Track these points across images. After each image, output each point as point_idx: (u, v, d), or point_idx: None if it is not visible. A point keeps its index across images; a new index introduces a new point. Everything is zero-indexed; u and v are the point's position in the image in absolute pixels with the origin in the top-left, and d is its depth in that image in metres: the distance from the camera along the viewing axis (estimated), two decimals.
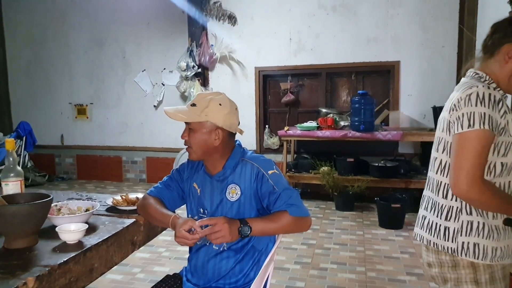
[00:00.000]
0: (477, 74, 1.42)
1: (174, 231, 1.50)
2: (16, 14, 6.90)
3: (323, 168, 5.14)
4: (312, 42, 5.70)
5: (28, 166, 6.59)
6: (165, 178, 1.76)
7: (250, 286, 1.51)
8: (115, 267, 1.66)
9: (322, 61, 5.70)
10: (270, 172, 1.54)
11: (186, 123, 1.56)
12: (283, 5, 5.73)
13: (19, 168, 1.85)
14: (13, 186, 1.80)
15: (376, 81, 5.75)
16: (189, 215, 1.69)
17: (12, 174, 1.82)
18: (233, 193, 1.56)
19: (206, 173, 1.64)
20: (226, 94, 1.61)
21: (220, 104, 1.53)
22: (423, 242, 1.49)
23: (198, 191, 1.65)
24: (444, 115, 1.43)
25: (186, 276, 1.71)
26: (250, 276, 1.58)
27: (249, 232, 1.46)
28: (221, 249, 1.59)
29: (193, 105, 1.54)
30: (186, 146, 1.59)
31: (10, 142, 1.84)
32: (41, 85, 6.95)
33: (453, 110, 1.35)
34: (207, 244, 1.61)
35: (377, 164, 5.03)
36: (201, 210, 1.64)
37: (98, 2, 6.45)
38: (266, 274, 1.52)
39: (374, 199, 4.53)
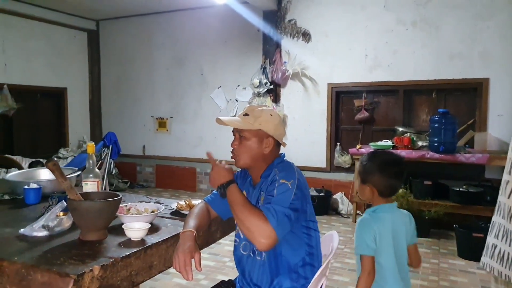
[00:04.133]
0: None
1: (182, 244, 1.52)
2: (110, 35, 7.63)
3: None
4: (389, 58, 5.52)
5: (113, 173, 7.15)
6: None
7: None
8: None
9: (400, 78, 5.48)
10: (282, 181, 1.52)
11: (236, 133, 1.65)
12: (359, 21, 5.64)
13: (97, 170, 2.01)
14: (91, 186, 1.96)
15: (460, 100, 5.37)
16: None
17: (91, 175, 1.98)
18: (263, 199, 1.59)
19: (250, 184, 1.70)
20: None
21: (271, 115, 1.61)
22: (492, 273, 1.34)
23: None
24: None
25: (238, 283, 1.74)
26: None
27: (221, 190, 1.57)
28: (262, 258, 1.60)
29: (246, 115, 1.62)
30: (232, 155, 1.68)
31: (90, 146, 2.01)
32: (128, 99, 7.55)
33: None
34: (251, 255, 1.63)
35: (458, 189, 4.65)
36: None
37: (180, 23, 6.91)
38: None
39: (453, 226, 4.18)
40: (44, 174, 2.45)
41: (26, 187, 2.09)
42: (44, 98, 7.02)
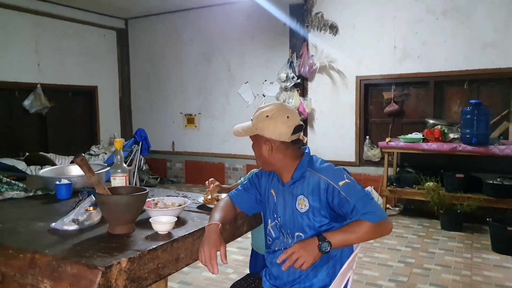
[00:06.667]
0: None
1: (208, 237, 1.53)
2: (140, 33, 7.77)
3: (428, 183, 4.77)
4: (419, 49, 5.37)
5: (143, 169, 7.32)
6: (246, 181, 1.83)
7: None
8: None
9: (430, 69, 5.32)
10: (341, 183, 1.51)
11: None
12: (388, 12, 5.51)
13: (125, 165, 2.06)
14: (119, 181, 2.01)
15: (493, 90, 5.17)
16: (268, 220, 1.73)
17: (119, 170, 2.03)
18: (302, 204, 1.57)
19: (279, 182, 1.67)
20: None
21: (267, 116, 1.55)
22: None
23: (275, 198, 1.68)
24: None
25: (265, 276, 1.74)
26: (325, 281, 1.54)
27: (329, 247, 1.45)
28: None
29: (251, 120, 1.61)
30: None
31: (118, 142, 2.05)
32: (157, 96, 7.69)
33: None
34: (282, 249, 1.62)
35: (492, 182, 4.50)
36: (275, 215, 1.68)
37: (207, 19, 6.96)
38: (342, 283, 1.46)
39: (486, 220, 4.05)
40: (75, 170, 2.52)
41: (57, 182, 2.17)
42: (76, 96, 7.23)
